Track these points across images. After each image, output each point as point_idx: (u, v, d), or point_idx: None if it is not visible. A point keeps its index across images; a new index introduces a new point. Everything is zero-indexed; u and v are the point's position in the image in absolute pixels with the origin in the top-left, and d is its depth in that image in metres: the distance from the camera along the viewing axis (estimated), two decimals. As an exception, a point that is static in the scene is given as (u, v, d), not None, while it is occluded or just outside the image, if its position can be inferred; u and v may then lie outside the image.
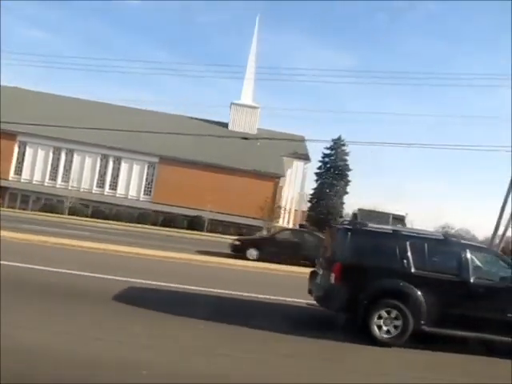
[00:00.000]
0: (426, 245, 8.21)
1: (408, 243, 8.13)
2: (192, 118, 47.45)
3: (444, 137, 76.36)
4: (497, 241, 24.49)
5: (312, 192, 48.36)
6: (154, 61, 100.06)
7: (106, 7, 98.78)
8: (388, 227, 8.90)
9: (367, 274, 8.14)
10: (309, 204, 49.38)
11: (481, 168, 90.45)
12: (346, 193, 48.70)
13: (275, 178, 42.38)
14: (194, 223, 38.92)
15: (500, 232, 24.44)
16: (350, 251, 8.32)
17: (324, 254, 9.36)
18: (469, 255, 8.10)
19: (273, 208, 40.96)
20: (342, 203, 47.73)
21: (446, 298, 7.95)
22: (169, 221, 38.73)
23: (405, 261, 8.01)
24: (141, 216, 39.38)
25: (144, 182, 43.45)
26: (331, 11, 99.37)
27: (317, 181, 47.96)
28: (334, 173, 46.83)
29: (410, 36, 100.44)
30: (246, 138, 28.63)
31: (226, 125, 48.19)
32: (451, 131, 77.67)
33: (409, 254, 8.04)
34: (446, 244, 8.41)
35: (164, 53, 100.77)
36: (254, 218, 39.13)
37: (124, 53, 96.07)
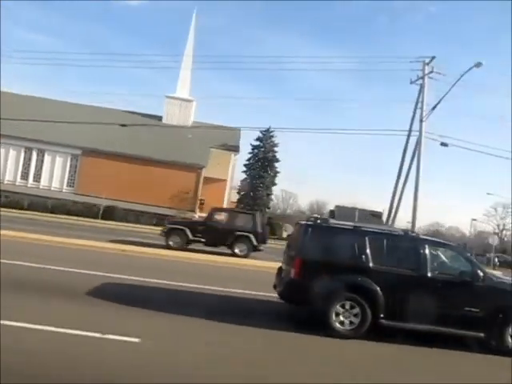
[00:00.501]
0: (385, 240, 8.41)
1: (367, 239, 8.31)
2: (126, 111, 47.40)
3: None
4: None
5: (240, 184, 48.83)
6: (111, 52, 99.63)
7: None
8: (349, 223, 9.08)
9: (327, 269, 8.28)
10: (240, 195, 49.45)
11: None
12: (275, 184, 49.25)
13: (197, 168, 42.89)
14: (108, 213, 39.50)
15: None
16: (310, 247, 8.49)
17: (289, 250, 9.54)
18: (427, 250, 8.30)
19: (194, 198, 42.04)
20: (269, 194, 48.10)
21: (403, 292, 8.13)
22: (85, 211, 39.21)
23: (363, 256, 8.20)
24: (55, 206, 39.61)
25: (67, 174, 43.70)
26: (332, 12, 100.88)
27: (245, 172, 48.23)
28: (262, 164, 47.07)
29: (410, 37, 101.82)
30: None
31: (160, 118, 48.23)
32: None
33: (368, 249, 8.22)
34: (405, 240, 8.64)
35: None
36: (170, 208, 39.65)
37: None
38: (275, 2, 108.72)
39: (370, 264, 8.18)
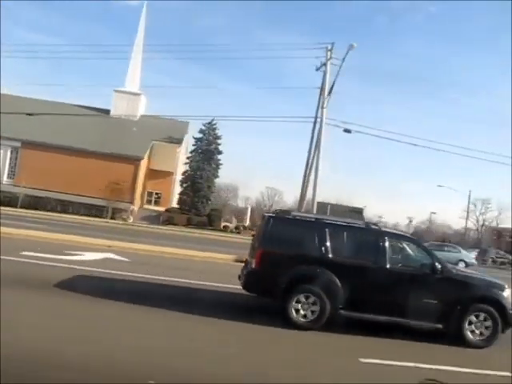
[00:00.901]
0: (345, 233, 8.42)
1: (327, 231, 8.31)
2: (74, 105, 46.81)
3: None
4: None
5: (182, 176, 48.66)
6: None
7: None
8: (311, 215, 9.08)
9: (287, 260, 8.29)
10: (183, 188, 49.22)
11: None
12: (217, 177, 49.41)
13: (135, 160, 43.16)
14: (37, 203, 39.63)
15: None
16: (271, 238, 8.48)
17: (253, 241, 9.49)
18: (387, 243, 8.32)
19: (131, 189, 42.46)
20: (210, 186, 47.97)
21: (362, 283, 8.15)
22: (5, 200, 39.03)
23: (323, 247, 8.20)
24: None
25: (7, 166, 43.74)
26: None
27: (187, 164, 48.12)
28: (204, 156, 47.04)
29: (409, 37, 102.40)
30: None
31: (108, 111, 48.22)
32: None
33: (327, 241, 8.22)
34: (365, 232, 8.65)
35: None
36: (102, 199, 40.16)
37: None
38: (275, 2, 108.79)
39: (330, 255, 8.19)
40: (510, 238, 61.61)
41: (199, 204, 45.59)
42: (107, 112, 47.94)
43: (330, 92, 24.99)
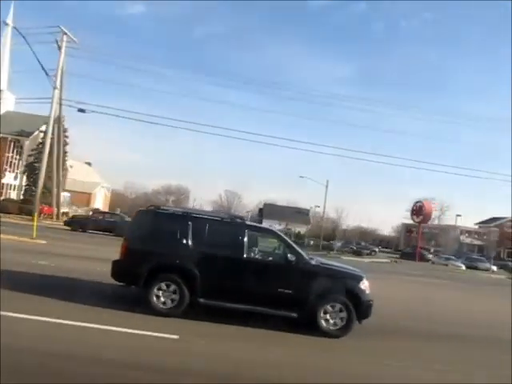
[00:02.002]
0: (207, 225, 8.81)
1: (190, 223, 8.73)
2: None
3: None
4: None
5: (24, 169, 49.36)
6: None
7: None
8: (179, 209, 9.48)
9: (151, 251, 8.66)
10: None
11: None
12: (64, 169, 49.15)
13: None
14: None
15: None
16: (137, 230, 8.96)
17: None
18: (246, 235, 8.72)
19: None
20: (50, 177, 45.47)
21: (222, 273, 8.55)
22: None
23: (185, 239, 8.61)
24: None
25: None
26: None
27: (31, 156, 48.23)
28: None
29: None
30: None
31: None
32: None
33: (190, 232, 8.64)
34: (227, 224, 9.02)
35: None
36: None
37: None
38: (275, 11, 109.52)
39: (191, 246, 8.59)
40: (416, 233, 64.65)
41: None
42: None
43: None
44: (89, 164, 76.40)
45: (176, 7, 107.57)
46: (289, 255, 8.65)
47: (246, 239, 8.68)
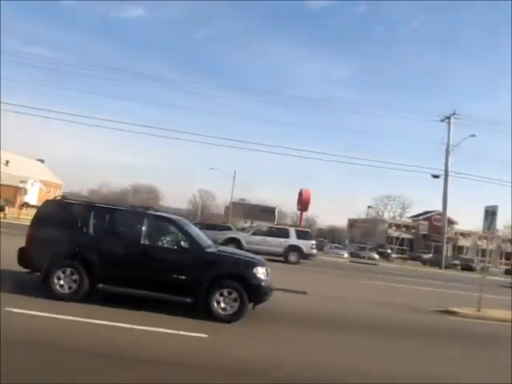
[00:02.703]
0: (108, 214, 9.35)
1: (92, 213, 9.26)
2: None
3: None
4: None
5: None
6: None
7: None
8: (83, 199, 9.99)
9: (53, 239, 9.08)
10: None
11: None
12: None
13: None
14: None
15: None
16: (42, 219, 9.39)
17: None
18: (146, 223, 9.26)
19: None
20: None
21: (120, 260, 9.04)
22: None
23: (86, 227, 9.14)
24: None
25: None
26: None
27: None
28: None
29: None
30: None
31: None
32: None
33: (91, 221, 9.16)
34: (126, 213, 9.58)
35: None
36: None
37: None
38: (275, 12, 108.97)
39: (92, 234, 9.12)
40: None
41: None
42: None
43: None
44: (41, 161, 74.79)
45: (176, 7, 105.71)
46: (182, 243, 9.17)
47: (144, 227, 9.20)
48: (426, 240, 79.09)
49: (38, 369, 5.47)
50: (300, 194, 58.10)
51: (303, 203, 58.02)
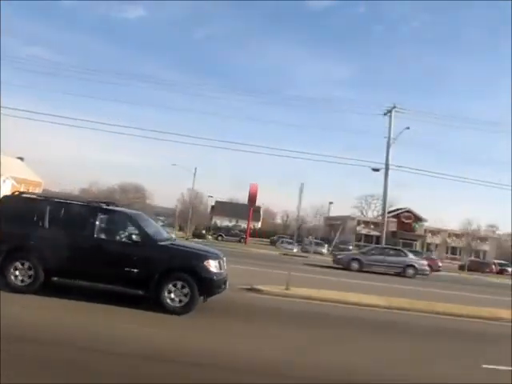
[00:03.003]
0: (63, 209, 9.66)
1: (48, 207, 9.60)
2: None
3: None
4: None
5: None
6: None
7: None
8: (40, 195, 10.33)
9: (10, 232, 9.44)
10: None
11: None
12: None
13: None
14: None
15: None
16: (1, 214, 9.65)
17: None
18: (99, 217, 9.57)
19: None
20: None
21: (74, 253, 9.26)
22: None
23: (41, 221, 9.48)
24: None
25: None
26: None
27: None
28: None
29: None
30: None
31: None
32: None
33: (46, 215, 9.51)
34: (81, 208, 9.86)
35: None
36: None
37: None
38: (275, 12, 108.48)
39: (47, 228, 9.46)
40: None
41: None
42: None
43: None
44: (21, 159, 73.84)
45: (176, 7, 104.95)
46: (134, 236, 9.41)
47: (97, 222, 9.52)
48: (394, 237, 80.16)
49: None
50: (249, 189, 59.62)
51: (251, 197, 59.49)
